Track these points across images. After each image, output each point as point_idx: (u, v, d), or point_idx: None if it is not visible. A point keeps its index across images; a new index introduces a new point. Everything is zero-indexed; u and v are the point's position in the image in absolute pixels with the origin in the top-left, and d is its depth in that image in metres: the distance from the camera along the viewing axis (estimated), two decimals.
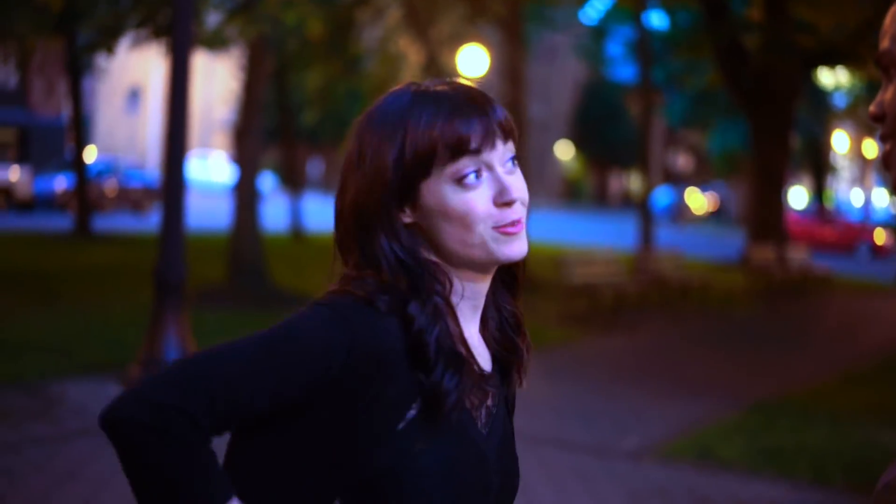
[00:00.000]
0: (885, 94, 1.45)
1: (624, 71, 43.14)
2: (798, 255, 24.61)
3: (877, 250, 37.66)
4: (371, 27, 21.81)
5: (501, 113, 1.68)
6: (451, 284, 1.67)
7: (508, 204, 1.65)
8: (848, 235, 38.92)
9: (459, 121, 1.64)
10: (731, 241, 31.06)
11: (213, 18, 16.76)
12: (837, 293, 22.94)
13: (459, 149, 1.63)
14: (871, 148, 56.64)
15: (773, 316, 18.68)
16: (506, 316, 1.79)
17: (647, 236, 24.98)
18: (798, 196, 50.66)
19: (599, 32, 43.71)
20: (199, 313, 11.63)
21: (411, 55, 23.03)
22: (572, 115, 65.22)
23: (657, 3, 30.02)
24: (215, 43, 17.51)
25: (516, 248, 1.67)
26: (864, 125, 53.71)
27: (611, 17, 39.41)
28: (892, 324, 18.63)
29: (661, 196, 53.70)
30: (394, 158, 1.64)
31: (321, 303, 1.62)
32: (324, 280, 1.72)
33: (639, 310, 16.90)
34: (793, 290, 22.01)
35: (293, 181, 27.79)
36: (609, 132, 60.87)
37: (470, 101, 1.66)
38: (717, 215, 55.18)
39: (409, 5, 21.09)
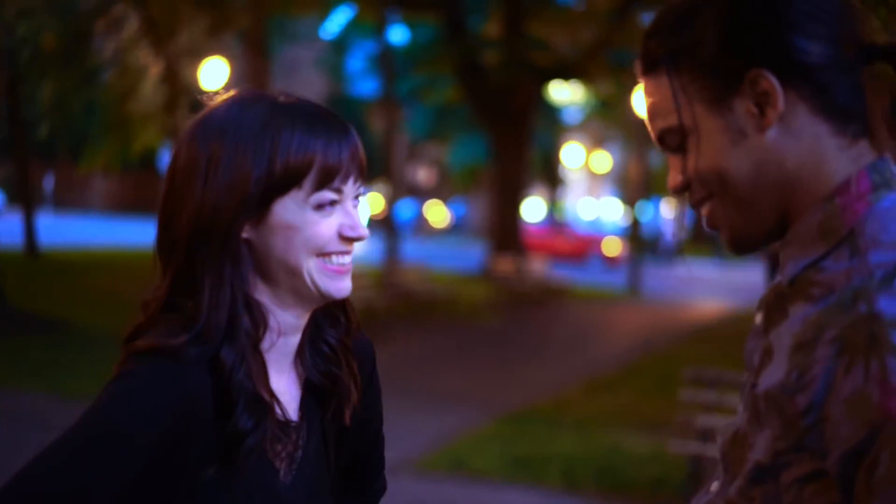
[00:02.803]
0: (686, 163, 1.46)
1: (365, 85, 43.50)
2: (537, 266, 25.35)
3: (608, 260, 39.19)
4: (110, 38, 21.20)
5: (359, 143, 1.65)
6: (266, 327, 1.62)
7: (353, 240, 1.63)
8: (580, 246, 40.35)
9: (335, 146, 1.60)
10: (472, 254, 31.78)
11: None
12: (575, 302, 23.77)
13: (331, 175, 1.59)
14: (600, 161, 59.04)
15: (517, 326, 19.18)
16: (327, 350, 1.74)
17: (392, 250, 25.21)
18: (535, 208, 52.29)
19: (340, 47, 43.89)
20: None
21: (152, 67, 22.50)
22: None
23: (397, 19, 30.39)
24: None
25: (342, 287, 1.65)
26: (594, 139, 55.93)
27: (351, 31, 39.64)
28: (627, 331, 19.44)
29: (404, 210, 54.34)
30: (260, 173, 1.57)
31: (123, 378, 1.53)
32: (68, 298, 1.64)
33: (387, 323, 17.01)
34: (534, 301, 22.65)
35: (26, 197, 26.63)
36: None
37: (339, 125, 1.63)
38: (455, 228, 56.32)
39: (148, 16, 20.60)
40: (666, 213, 58.24)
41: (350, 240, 1.63)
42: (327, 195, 1.60)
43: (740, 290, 28.80)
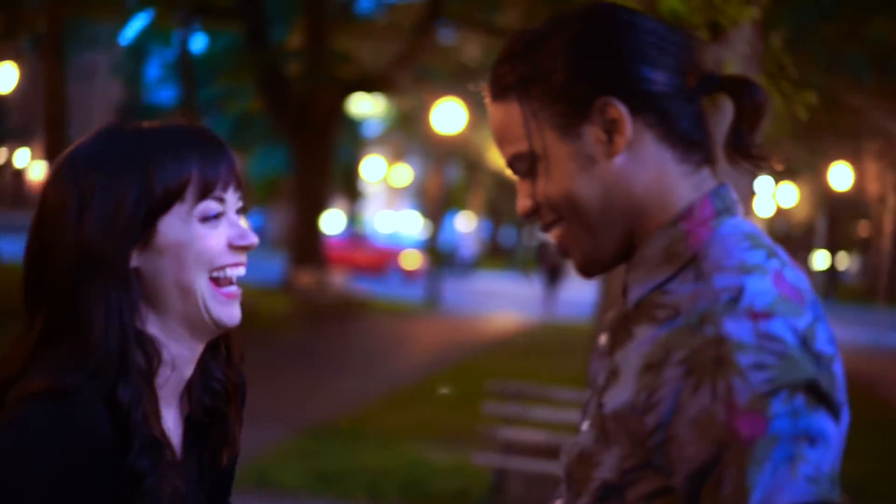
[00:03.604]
0: (535, 188, 1.50)
1: (164, 93, 42.71)
2: (337, 279, 25.32)
3: (407, 273, 39.43)
4: None
5: (235, 158, 1.64)
6: (160, 361, 1.58)
7: (244, 248, 1.61)
8: (380, 259, 40.48)
9: (211, 159, 1.58)
10: (271, 266, 31.54)
11: None
12: (376, 315, 23.82)
13: (211, 185, 1.57)
14: (400, 175, 59.39)
15: (319, 339, 19.09)
16: (215, 386, 1.72)
17: None
18: (335, 221, 52.24)
19: (138, 54, 42.95)
20: None
21: None
22: None
23: (196, 27, 29.90)
24: None
25: (233, 313, 1.64)
26: (394, 153, 56.22)
27: (150, 38, 38.83)
28: (427, 344, 19.59)
29: None
30: (137, 196, 1.53)
31: (15, 425, 1.45)
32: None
33: None
34: (335, 314, 22.59)
35: None
36: None
37: (213, 141, 1.61)
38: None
39: None
40: (462, 226, 58.96)
41: (241, 248, 1.62)
42: (211, 205, 1.58)
43: (535, 303, 29.40)
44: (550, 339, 20.80)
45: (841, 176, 33.80)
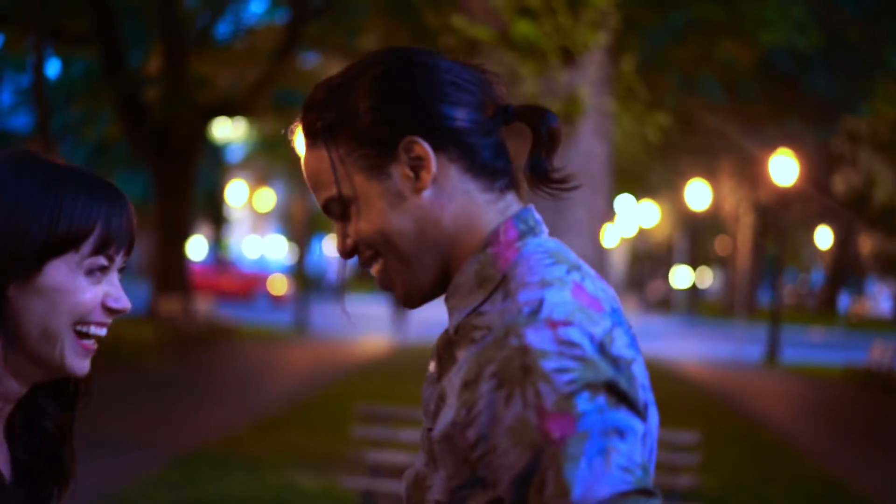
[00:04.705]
0: (350, 228, 1.57)
1: (17, 120, 41.70)
2: (203, 305, 25.06)
3: (274, 299, 39.19)
4: None
5: (134, 219, 1.63)
6: None
7: (115, 311, 1.61)
8: (246, 285, 40.17)
9: (117, 215, 1.58)
10: (135, 294, 31.13)
11: None
12: (243, 342, 23.64)
13: (109, 242, 1.57)
14: (264, 199, 59.01)
15: (185, 368, 18.86)
16: (49, 426, 1.69)
17: None
18: (198, 246, 51.61)
19: None
20: None
21: None
22: None
23: (50, 52, 29.30)
24: None
25: (85, 365, 1.62)
26: (258, 177, 55.84)
27: (2, 63, 37.90)
28: (296, 369, 19.50)
29: None
30: (39, 232, 1.52)
31: None
32: None
33: None
34: (201, 341, 22.35)
35: None
36: None
37: (118, 196, 1.61)
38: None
39: None
40: (329, 250, 58.84)
41: (112, 311, 1.61)
42: (101, 261, 1.58)
43: (403, 325, 29.47)
44: (417, 361, 20.88)
45: (699, 194, 34.70)
